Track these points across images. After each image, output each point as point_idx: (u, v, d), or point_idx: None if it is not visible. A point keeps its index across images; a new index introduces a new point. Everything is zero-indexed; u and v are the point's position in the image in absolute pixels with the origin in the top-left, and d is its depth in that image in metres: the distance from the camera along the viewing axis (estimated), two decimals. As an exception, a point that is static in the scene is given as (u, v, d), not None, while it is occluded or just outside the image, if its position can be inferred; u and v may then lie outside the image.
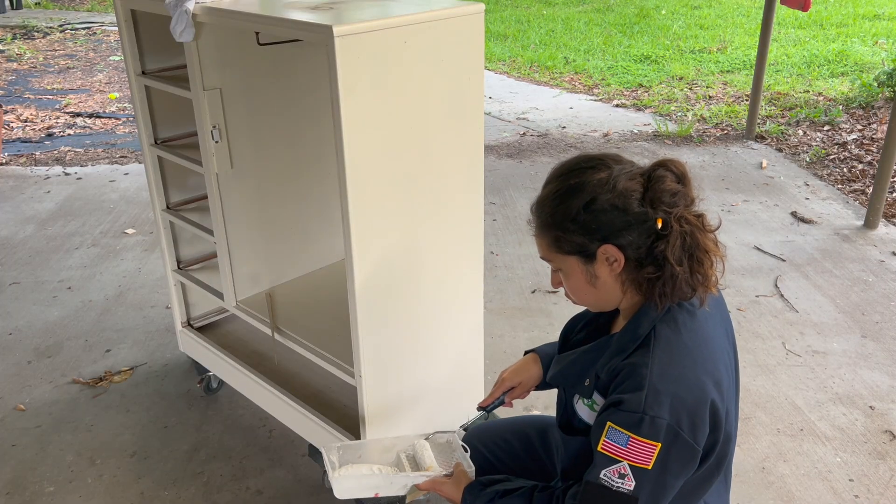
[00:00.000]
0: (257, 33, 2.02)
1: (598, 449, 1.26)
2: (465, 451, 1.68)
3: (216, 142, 2.08)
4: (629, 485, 1.24)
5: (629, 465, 1.23)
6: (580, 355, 1.43)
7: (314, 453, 2.19)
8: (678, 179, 1.31)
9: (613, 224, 1.29)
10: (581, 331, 1.54)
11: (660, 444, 1.22)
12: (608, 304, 1.40)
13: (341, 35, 1.54)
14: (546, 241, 1.37)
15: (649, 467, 1.23)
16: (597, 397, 1.37)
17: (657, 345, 1.29)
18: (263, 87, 2.15)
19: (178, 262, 2.57)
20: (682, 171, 1.32)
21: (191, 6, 1.86)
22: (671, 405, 1.23)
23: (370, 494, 1.63)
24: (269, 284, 2.40)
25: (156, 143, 2.40)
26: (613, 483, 1.25)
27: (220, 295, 2.34)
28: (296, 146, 2.29)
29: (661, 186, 1.28)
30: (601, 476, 1.26)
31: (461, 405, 2.23)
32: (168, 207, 2.49)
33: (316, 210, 2.43)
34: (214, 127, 2.06)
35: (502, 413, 2.51)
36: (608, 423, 1.25)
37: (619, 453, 1.24)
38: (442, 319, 2.05)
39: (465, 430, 1.75)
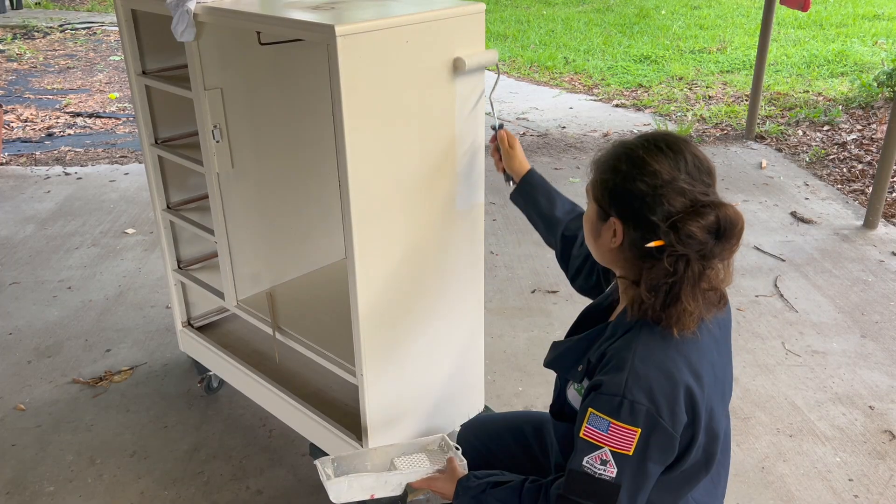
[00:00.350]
0: (258, 33, 2.03)
1: (580, 435, 1.28)
2: (458, 449, 1.70)
3: (217, 141, 2.08)
4: (611, 471, 1.25)
5: (611, 451, 1.25)
6: (576, 342, 1.45)
7: (315, 452, 2.19)
8: (716, 230, 1.27)
9: (632, 210, 1.30)
10: (592, 321, 1.55)
11: (640, 430, 1.24)
12: (599, 258, 1.43)
13: (343, 35, 1.54)
14: (591, 176, 1.40)
15: (630, 453, 1.24)
16: (586, 382, 1.38)
17: (643, 331, 1.30)
18: (264, 86, 2.15)
19: (179, 261, 2.57)
20: (727, 224, 1.26)
21: (192, 6, 1.86)
22: (650, 390, 1.24)
23: (366, 496, 1.63)
24: (269, 284, 2.40)
25: (156, 142, 2.40)
26: (596, 470, 1.26)
27: (220, 294, 2.35)
28: (297, 146, 2.29)
29: (690, 224, 1.24)
30: (584, 463, 1.27)
31: (462, 404, 2.23)
32: (168, 207, 2.49)
33: (317, 209, 2.43)
34: (215, 126, 2.06)
35: (498, 408, 2.51)
36: (589, 409, 1.27)
37: (601, 439, 1.25)
38: (442, 319, 2.06)
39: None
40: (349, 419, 2.09)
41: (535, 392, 2.72)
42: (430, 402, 2.11)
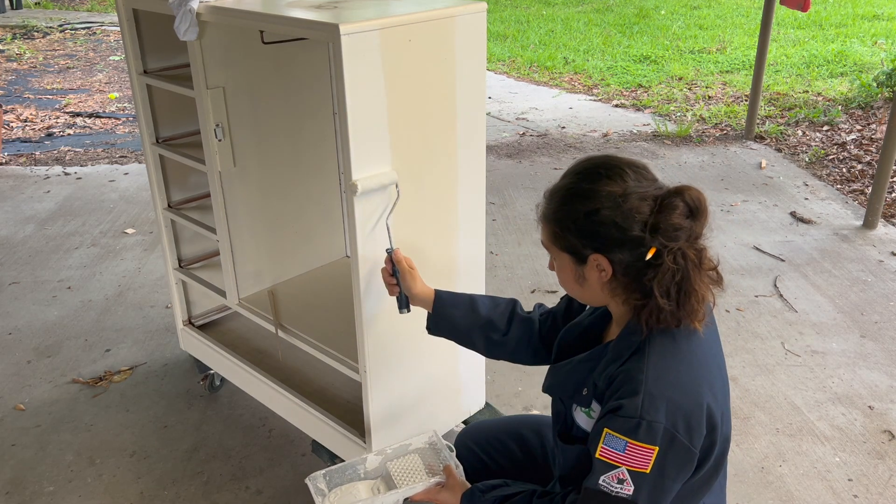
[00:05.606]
0: (261, 32, 2.03)
1: (597, 456, 1.27)
2: (451, 450, 1.67)
3: (219, 140, 2.08)
4: (628, 489, 1.24)
5: (628, 469, 1.24)
6: (576, 365, 1.42)
7: (318, 450, 2.20)
8: (689, 213, 1.27)
9: (610, 238, 1.28)
10: (576, 340, 1.53)
11: (657, 448, 1.23)
12: (594, 302, 1.42)
13: (347, 34, 1.54)
14: (546, 232, 1.38)
15: (647, 471, 1.23)
16: (595, 406, 1.37)
17: (652, 350, 1.29)
18: (266, 85, 2.15)
19: (179, 260, 2.57)
20: (697, 204, 1.27)
21: (195, 5, 1.86)
22: (667, 409, 1.23)
23: None
24: (271, 282, 2.40)
25: (157, 142, 2.40)
26: (612, 488, 1.25)
27: (222, 293, 2.35)
28: (298, 144, 2.29)
29: (668, 218, 1.26)
30: (600, 482, 1.26)
31: (464, 401, 2.23)
32: (169, 206, 2.49)
33: (318, 207, 2.43)
34: (218, 125, 2.06)
35: (498, 408, 2.51)
36: (605, 429, 1.26)
37: (618, 459, 1.24)
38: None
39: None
40: (352, 416, 2.09)
41: (534, 392, 2.72)
42: (431, 399, 2.12)
